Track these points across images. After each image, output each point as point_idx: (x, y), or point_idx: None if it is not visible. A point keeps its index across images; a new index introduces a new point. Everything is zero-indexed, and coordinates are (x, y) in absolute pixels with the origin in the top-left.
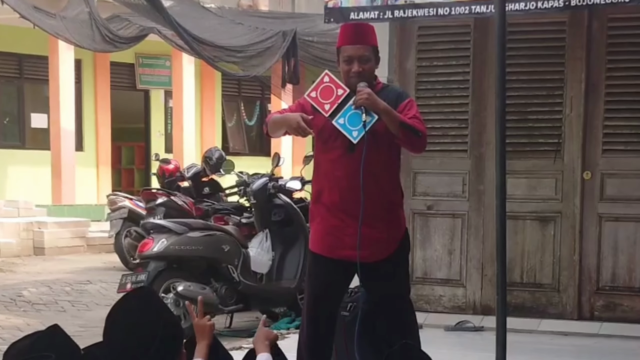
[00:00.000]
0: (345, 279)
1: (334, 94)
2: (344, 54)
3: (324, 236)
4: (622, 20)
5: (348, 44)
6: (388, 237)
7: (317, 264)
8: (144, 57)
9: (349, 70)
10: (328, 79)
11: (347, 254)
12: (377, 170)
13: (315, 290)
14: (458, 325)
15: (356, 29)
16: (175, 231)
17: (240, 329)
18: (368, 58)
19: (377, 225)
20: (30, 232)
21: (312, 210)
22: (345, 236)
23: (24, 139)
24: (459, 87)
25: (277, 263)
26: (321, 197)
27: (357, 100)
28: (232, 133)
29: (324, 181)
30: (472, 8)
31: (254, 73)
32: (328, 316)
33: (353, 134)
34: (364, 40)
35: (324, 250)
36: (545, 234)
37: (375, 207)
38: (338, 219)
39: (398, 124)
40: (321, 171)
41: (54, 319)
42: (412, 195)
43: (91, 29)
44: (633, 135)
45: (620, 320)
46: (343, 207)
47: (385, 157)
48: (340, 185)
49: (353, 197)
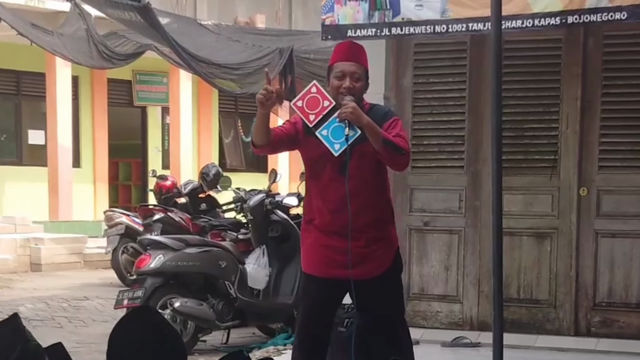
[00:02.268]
0: (338, 297)
1: (320, 105)
2: (336, 70)
3: (316, 256)
4: (617, 38)
5: (342, 60)
6: (381, 255)
7: (309, 283)
8: (141, 73)
9: (339, 85)
10: (315, 89)
11: (339, 273)
12: (366, 189)
13: (309, 309)
14: (455, 342)
15: (351, 47)
16: (172, 247)
17: (237, 345)
18: (359, 77)
19: (369, 244)
20: (27, 248)
21: (304, 231)
22: (337, 255)
23: (21, 156)
24: (456, 103)
25: (274, 279)
26: (312, 219)
27: (342, 113)
28: (229, 149)
29: (315, 205)
30: (469, 26)
31: (251, 90)
32: (321, 334)
33: (335, 147)
34: (358, 59)
35: (316, 270)
36: (542, 250)
37: (366, 226)
38: (330, 239)
39: (381, 140)
40: (312, 195)
41: (50, 335)
42: (409, 211)
43: (88, 45)
44: (629, 152)
45: (617, 336)
46: (334, 228)
47: (374, 176)
48: (331, 208)
49: (344, 218)
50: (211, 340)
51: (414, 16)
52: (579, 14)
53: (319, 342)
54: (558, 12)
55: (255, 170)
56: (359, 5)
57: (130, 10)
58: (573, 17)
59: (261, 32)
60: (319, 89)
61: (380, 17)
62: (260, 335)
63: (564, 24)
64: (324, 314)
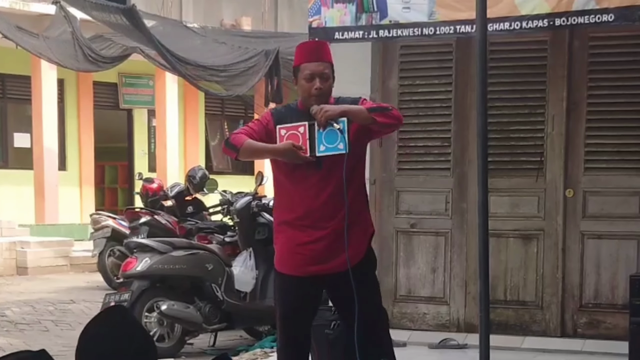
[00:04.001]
0: (315, 294)
1: (298, 135)
2: (305, 71)
3: (291, 255)
4: (603, 39)
5: (309, 61)
6: (356, 240)
7: (285, 283)
8: (127, 76)
9: (310, 87)
10: (285, 131)
11: (316, 269)
12: (346, 177)
13: (287, 311)
14: (442, 343)
15: (316, 46)
16: (158, 250)
17: (224, 348)
18: (328, 75)
19: (349, 232)
20: (13, 251)
21: (276, 231)
22: (313, 252)
23: (6, 159)
24: (442, 105)
25: (260, 281)
26: (285, 217)
27: (320, 120)
28: (216, 152)
29: (288, 201)
30: (456, 28)
31: (237, 92)
32: (303, 333)
33: (339, 147)
34: (324, 58)
35: (292, 269)
36: (528, 251)
37: (343, 213)
38: (305, 235)
39: (365, 112)
40: (283, 193)
41: (37, 338)
42: (396, 213)
43: (74, 48)
44: (614, 153)
45: (604, 338)
46: (309, 222)
47: (352, 163)
48: (306, 202)
49: (320, 210)
50: (198, 343)
51: (402, 19)
52: (566, 16)
53: (302, 343)
54: (545, 14)
55: (241, 172)
56: (346, 8)
57: (115, 13)
58: (560, 19)
59: (247, 34)
60: (285, 127)
61: (368, 19)
62: (247, 337)
63: (552, 26)
64: (303, 314)
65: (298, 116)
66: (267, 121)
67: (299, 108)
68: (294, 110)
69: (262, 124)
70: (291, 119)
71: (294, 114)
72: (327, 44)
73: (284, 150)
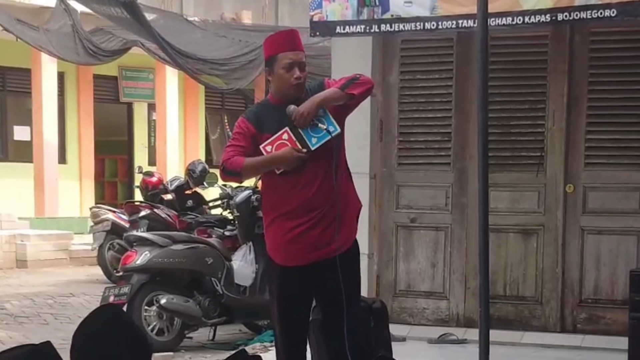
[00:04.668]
0: (312, 281)
1: (286, 143)
2: (283, 60)
3: (287, 245)
4: (603, 34)
5: (287, 50)
6: (348, 219)
7: (287, 275)
8: (127, 69)
9: (290, 77)
10: (270, 147)
11: (318, 255)
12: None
13: (288, 303)
14: (441, 338)
15: (292, 35)
16: (158, 244)
17: (223, 342)
18: (305, 65)
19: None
20: (12, 244)
21: (270, 228)
22: (313, 238)
23: (6, 152)
24: (442, 100)
25: (260, 275)
26: (279, 211)
27: (302, 124)
28: (216, 146)
29: (282, 196)
30: (458, 22)
31: (237, 86)
32: (303, 325)
33: (330, 130)
34: (300, 47)
35: (295, 260)
36: (528, 246)
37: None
38: (302, 224)
39: (340, 92)
40: (276, 189)
41: (36, 331)
42: (396, 208)
43: (74, 41)
44: (615, 149)
45: (603, 333)
46: (305, 210)
47: (335, 145)
48: (302, 193)
49: (315, 197)
50: (197, 337)
51: (404, 13)
52: (568, 11)
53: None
54: (547, 9)
55: None
56: (347, 2)
57: (116, 6)
58: (563, 14)
59: (247, 28)
60: (290, 136)
61: (370, 13)
62: (246, 332)
63: (554, 21)
64: (304, 304)
65: (275, 113)
66: (247, 129)
67: (272, 103)
68: (269, 107)
69: (245, 135)
70: (268, 117)
71: (269, 112)
72: (298, 33)
73: (284, 157)
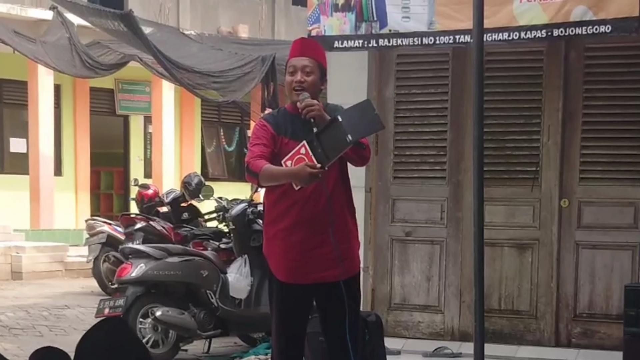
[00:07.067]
0: (312, 301)
1: (303, 157)
2: (288, 66)
3: (290, 262)
4: (598, 50)
5: (293, 56)
6: (353, 251)
7: (289, 292)
8: (123, 82)
9: (291, 81)
10: (290, 162)
11: (320, 277)
12: (336, 184)
13: (287, 319)
14: (436, 352)
15: (303, 42)
16: (153, 256)
17: (218, 355)
18: (311, 70)
19: (343, 239)
20: (8, 256)
21: (271, 241)
22: (313, 259)
23: (2, 164)
24: (437, 114)
25: (255, 288)
26: (283, 225)
27: (308, 112)
28: (212, 159)
29: (286, 210)
30: (455, 38)
31: (233, 98)
32: (300, 341)
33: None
34: (307, 53)
35: (291, 277)
36: (523, 261)
37: (340, 222)
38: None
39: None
40: (281, 202)
41: (31, 343)
42: (391, 221)
43: (71, 54)
44: (610, 164)
45: (597, 347)
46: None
47: (340, 169)
48: (309, 206)
49: (320, 214)
50: (193, 350)
51: (401, 28)
52: (564, 26)
53: (298, 350)
54: (543, 25)
55: (237, 179)
56: (345, 17)
57: (113, 19)
58: (558, 30)
59: (244, 41)
60: (307, 150)
61: (367, 28)
62: (241, 344)
63: (550, 36)
64: (302, 321)
65: (291, 120)
66: (266, 128)
67: (289, 112)
68: (286, 115)
69: (266, 134)
70: (285, 124)
71: (287, 119)
72: (317, 43)
73: (298, 174)
